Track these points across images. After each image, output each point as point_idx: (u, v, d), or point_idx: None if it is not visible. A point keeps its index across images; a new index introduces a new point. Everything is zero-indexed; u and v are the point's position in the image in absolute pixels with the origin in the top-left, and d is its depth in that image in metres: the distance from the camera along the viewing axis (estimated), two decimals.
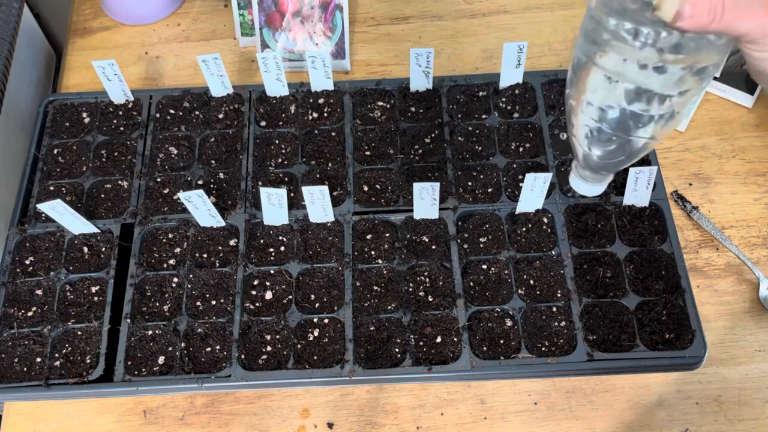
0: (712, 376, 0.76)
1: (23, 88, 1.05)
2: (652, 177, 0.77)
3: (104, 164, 0.86)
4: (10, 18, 0.91)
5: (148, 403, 0.77)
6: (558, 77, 0.88)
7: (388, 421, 0.75)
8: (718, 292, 0.80)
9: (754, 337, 0.78)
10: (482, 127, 0.86)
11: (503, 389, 0.76)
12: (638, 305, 0.74)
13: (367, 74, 0.98)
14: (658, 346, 0.72)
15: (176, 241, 0.81)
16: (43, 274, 0.79)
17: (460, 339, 0.73)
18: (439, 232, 0.80)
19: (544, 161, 0.83)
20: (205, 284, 0.77)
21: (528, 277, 0.77)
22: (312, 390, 0.77)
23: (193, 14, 1.04)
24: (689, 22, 0.39)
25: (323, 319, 0.75)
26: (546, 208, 0.80)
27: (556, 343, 0.73)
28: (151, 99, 0.90)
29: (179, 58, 1.00)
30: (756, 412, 0.74)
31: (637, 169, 0.75)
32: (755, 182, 0.87)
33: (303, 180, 0.84)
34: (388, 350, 0.73)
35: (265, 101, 0.89)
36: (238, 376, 0.71)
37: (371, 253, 0.79)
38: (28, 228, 0.81)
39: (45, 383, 0.72)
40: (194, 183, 0.84)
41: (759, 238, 0.83)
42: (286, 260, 0.79)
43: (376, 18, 1.03)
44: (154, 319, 0.76)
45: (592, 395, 0.75)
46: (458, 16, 1.02)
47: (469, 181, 0.83)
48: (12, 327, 0.76)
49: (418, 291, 0.76)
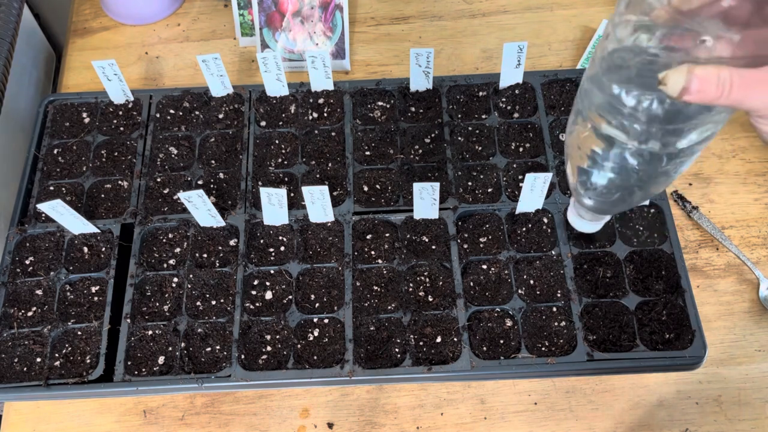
0: (712, 376, 0.76)
1: (23, 88, 1.05)
2: None
3: (104, 164, 0.86)
4: (10, 18, 0.91)
5: (148, 403, 0.77)
6: (558, 77, 0.88)
7: (388, 421, 0.75)
8: (718, 292, 0.80)
9: (754, 337, 0.78)
10: (482, 127, 0.86)
11: (503, 389, 0.76)
12: (638, 305, 0.74)
13: (367, 74, 0.98)
14: (658, 346, 0.72)
15: (176, 241, 0.81)
16: (43, 274, 0.79)
17: (460, 339, 0.73)
18: (439, 232, 0.80)
19: (544, 161, 0.83)
20: (205, 284, 0.77)
21: (528, 277, 0.77)
22: (312, 390, 0.77)
23: (193, 14, 1.04)
24: (696, 97, 0.38)
25: (323, 319, 0.75)
26: (546, 208, 0.80)
27: (556, 343, 0.73)
28: (151, 99, 0.90)
29: (179, 58, 1.00)
30: (756, 412, 0.74)
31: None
32: (755, 182, 0.87)
33: (303, 180, 0.84)
34: (388, 350, 0.73)
35: (265, 101, 0.89)
36: (238, 376, 0.71)
37: (371, 253, 0.79)
38: (28, 228, 0.81)
39: (45, 383, 0.72)
40: (194, 183, 0.84)
41: (759, 238, 0.83)
42: (286, 260, 0.79)
43: (376, 18, 1.03)
44: (154, 319, 0.76)
45: (592, 395, 0.75)
46: (458, 16, 1.02)
47: (469, 181, 0.83)
48: (12, 327, 0.76)
49: (418, 291, 0.76)
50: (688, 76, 0.37)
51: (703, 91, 0.37)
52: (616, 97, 0.43)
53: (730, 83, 0.37)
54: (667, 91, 0.38)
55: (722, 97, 0.37)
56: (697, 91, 0.37)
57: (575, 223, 0.63)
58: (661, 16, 0.39)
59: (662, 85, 0.38)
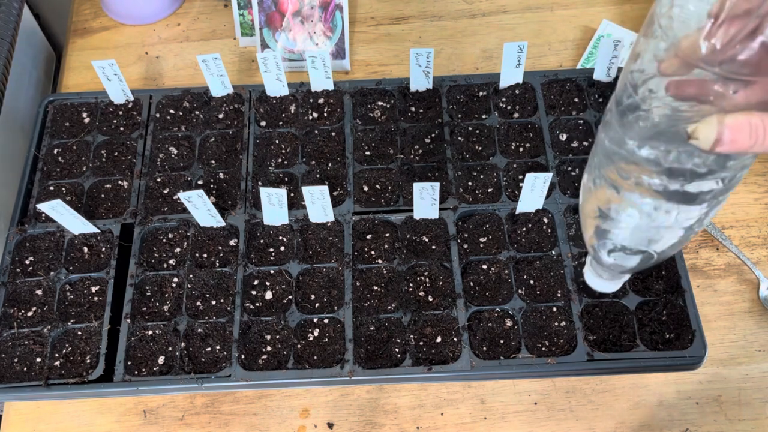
0: (712, 376, 0.76)
1: (23, 88, 1.05)
2: None
3: (104, 164, 0.86)
4: (10, 18, 0.91)
5: (148, 403, 0.77)
6: (558, 77, 0.88)
7: (388, 421, 0.75)
8: (718, 292, 0.80)
9: (754, 337, 0.78)
10: (482, 127, 0.86)
11: (503, 389, 0.76)
12: (638, 305, 0.74)
13: (367, 74, 0.98)
14: (658, 346, 0.72)
15: (176, 241, 0.81)
16: (43, 274, 0.79)
17: (460, 339, 0.73)
18: (439, 232, 0.80)
19: (544, 161, 0.83)
20: (205, 284, 0.77)
21: (528, 277, 0.77)
22: (312, 390, 0.77)
23: (193, 14, 1.04)
24: (729, 147, 0.36)
25: (323, 319, 0.75)
26: (546, 208, 0.80)
27: (556, 343, 0.73)
28: (151, 99, 0.90)
29: (179, 58, 1.00)
30: (756, 412, 0.74)
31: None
32: (755, 182, 0.87)
33: (303, 180, 0.84)
34: (388, 350, 0.73)
35: (265, 101, 0.89)
36: (238, 376, 0.71)
37: (371, 253, 0.79)
38: (28, 228, 0.81)
39: (45, 383, 0.72)
40: (194, 183, 0.84)
41: (759, 238, 0.83)
42: (286, 260, 0.79)
43: (376, 18, 1.03)
44: (154, 319, 0.76)
45: (592, 395, 0.75)
46: (458, 16, 1.02)
47: (469, 181, 0.83)
48: (12, 327, 0.76)
49: (418, 291, 0.76)
50: (719, 128, 0.35)
51: (736, 141, 0.36)
52: (633, 152, 0.42)
53: (764, 130, 0.36)
54: (699, 144, 0.37)
55: (756, 144, 0.36)
56: (731, 141, 0.36)
57: (593, 283, 0.61)
58: (673, 65, 0.37)
59: (693, 139, 0.37)
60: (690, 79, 0.36)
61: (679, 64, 0.36)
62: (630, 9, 1.01)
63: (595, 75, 0.88)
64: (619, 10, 1.01)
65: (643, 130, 0.41)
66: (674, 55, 0.36)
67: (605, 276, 0.59)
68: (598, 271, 0.59)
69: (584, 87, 0.88)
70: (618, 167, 0.44)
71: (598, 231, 0.51)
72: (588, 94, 0.88)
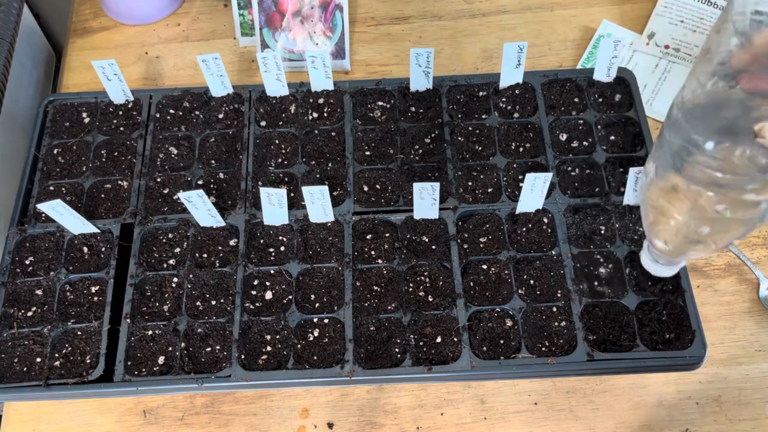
0: (712, 376, 0.76)
1: (23, 88, 1.05)
2: None
3: (104, 164, 0.86)
4: (10, 18, 0.91)
5: (148, 403, 0.77)
6: (558, 77, 0.88)
7: (388, 422, 0.75)
8: (718, 292, 0.80)
9: (754, 337, 0.78)
10: (482, 127, 0.86)
11: (503, 389, 0.76)
12: (638, 305, 0.74)
13: (367, 74, 0.98)
14: (658, 346, 0.72)
15: (176, 241, 0.81)
16: (43, 274, 0.79)
17: (460, 339, 0.73)
18: (439, 232, 0.80)
19: (544, 161, 0.83)
20: (205, 284, 0.77)
21: (528, 277, 0.77)
22: (312, 390, 0.77)
23: (193, 14, 1.04)
24: None
25: (323, 319, 0.75)
26: (546, 208, 0.80)
27: (556, 343, 0.73)
28: (151, 99, 0.90)
29: (179, 58, 1.00)
30: (756, 412, 0.74)
31: (638, 169, 0.75)
32: None
33: (303, 180, 0.84)
34: (388, 350, 0.73)
35: (265, 101, 0.89)
36: (238, 376, 0.71)
37: (371, 253, 0.79)
38: (28, 228, 0.81)
39: (45, 383, 0.72)
40: (194, 183, 0.84)
41: (759, 238, 0.83)
42: (286, 260, 0.79)
43: (376, 18, 1.03)
44: (154, 319, 0.76)
45: (592, 395, 0.75)
46: (458, 16, 1.02)
47: (469, 181, 0.83)
48: (12, 327, 0.76)
49: (418, 291, 0.76)
50: None
51: None
52: (698, 146, 0.42)
53: None
54: (765, 143, 0.37)
55: None
56: None
57: (650, 268, 0.62)
58: (743, 59, 0.37)
59: (760, 138, 0.37)
60: (763, 75, 0.36)
61: (750, 59, 0.36)
62: (630, 9, 1.01)
63: (595, 75, 0.88)
64: (619, 10, 1.01)
65: (710, 124, 0.40)
66: (744, 47, 0.36)
67: (661, 261, 0.59)
68: (654, 256, 0.59)
69: (584, 87, 0.88)
70: (683, 161, 0.44)
71: (656, 220, 0.51)
72: (588, 94, 0.88)
